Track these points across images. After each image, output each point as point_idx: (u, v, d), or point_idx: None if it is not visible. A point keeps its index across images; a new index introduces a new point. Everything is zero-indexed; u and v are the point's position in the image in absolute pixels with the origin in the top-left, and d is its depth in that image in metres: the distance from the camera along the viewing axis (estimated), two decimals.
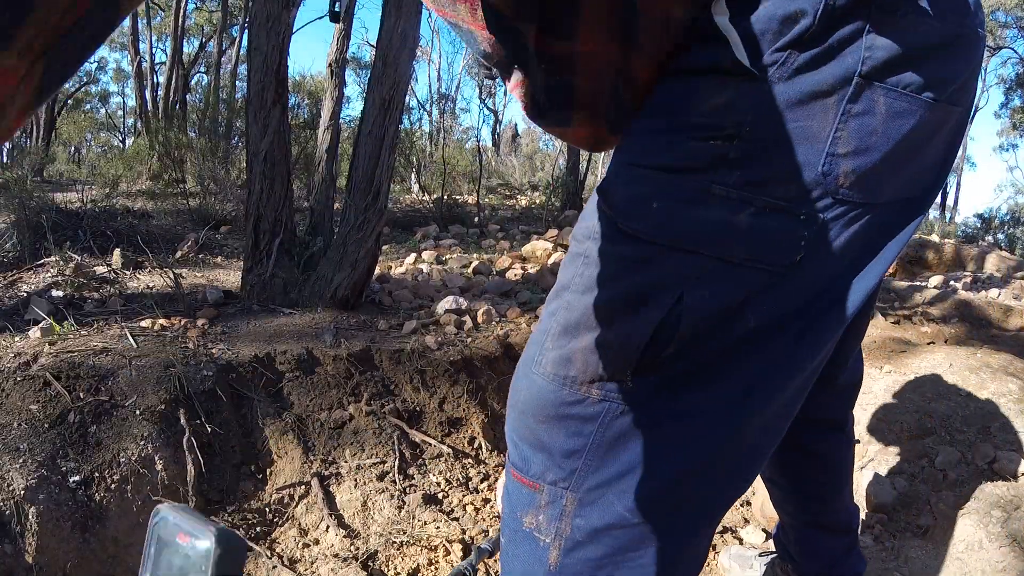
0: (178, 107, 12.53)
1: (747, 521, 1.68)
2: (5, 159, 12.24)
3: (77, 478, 1.43)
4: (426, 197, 7.00)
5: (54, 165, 13.48)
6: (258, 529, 1.56)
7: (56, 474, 1.41)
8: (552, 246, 4.26)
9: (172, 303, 2.50)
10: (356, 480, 1.71)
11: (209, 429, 1.68)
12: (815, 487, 1.13)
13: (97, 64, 22.75)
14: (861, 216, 0.60)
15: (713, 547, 1.56)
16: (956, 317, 2.78)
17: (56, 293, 2.64)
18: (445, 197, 6.38)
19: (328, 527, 1.56)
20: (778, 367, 0.62)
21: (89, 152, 21.03)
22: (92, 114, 24.27)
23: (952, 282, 3.49)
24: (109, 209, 4.78)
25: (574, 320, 0.64)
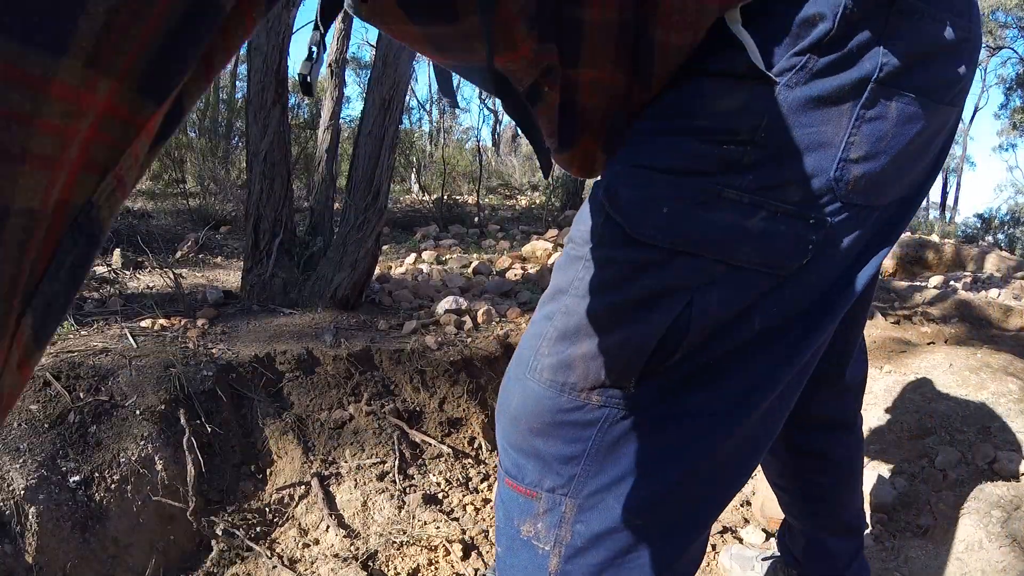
0: None
1: (747, 521, 1.68)
2: None
3: (77, 478, 1.43)
4: (426, 197, 7.00)
5: None
6: (258, 529, 1.56)
7: (56, 474, 1.41)
8: (552, 246, 4.26)
9: (172, 303, 2.49)
10: (356, 480, 1.71)
11: (209, 429, 1.68)
12: (825, 490, 1.10)
13: None
14: (866, 219, 0.60)
15: (713, 547, 1.56)
16: (956, 317, 2.79)
17: None
18: (445, 197, 6.38)
19: (328, 527, 1.56)
20: (780, 366, 0.62)
21: None
22: None
23: (952, 282, 3.50)
24: None
25: (574, 325, 0.62)
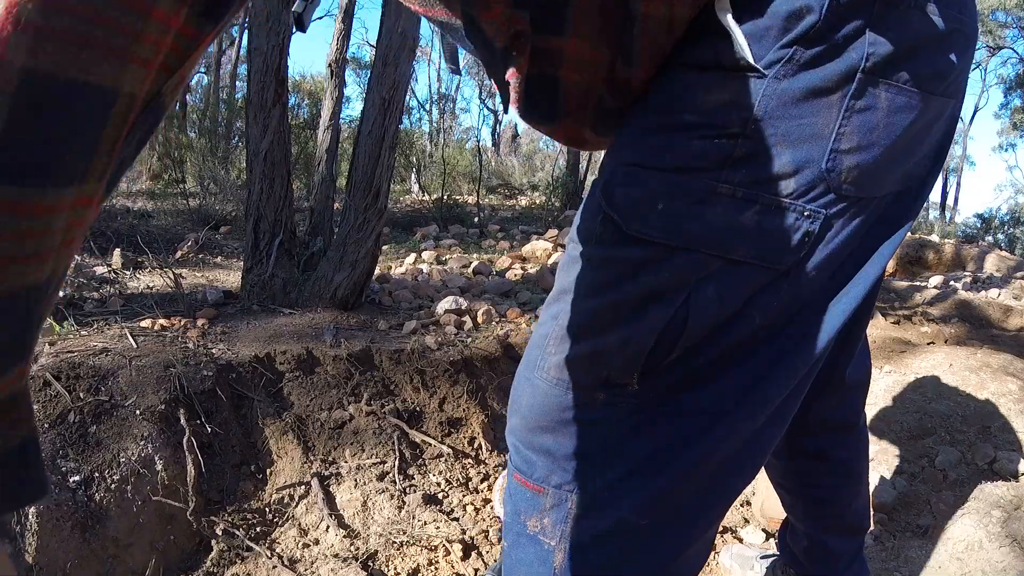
0: (178, 107, 12.53)
1: (747, 521, 1.68)
2: None
3: (77, 478, 1.43)
4: (426, 197, 7.01)
5: None
6: (258, 529, 1.56)
7: (56, 474, 1.41)
8: (552, 246, 4.26)
9: (172, 303, 2.50)
10: (356, 480, 1.71)
11: (209, 429, 1.68)
12: (830, 492, 1.10)
13: None
14: (862, 211, 0.60)
15: (713, 547, 1.56)
16: (956, 317, 2.79)
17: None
18: (445, 197, 6.39)
19: (328, 527, 1.56)
20: (784, 363, 0.62)
21: None
22: None
23: (952, 282, 3.50)
24: (109, 209, 4.78)
25: (577, 324, 0.63)
